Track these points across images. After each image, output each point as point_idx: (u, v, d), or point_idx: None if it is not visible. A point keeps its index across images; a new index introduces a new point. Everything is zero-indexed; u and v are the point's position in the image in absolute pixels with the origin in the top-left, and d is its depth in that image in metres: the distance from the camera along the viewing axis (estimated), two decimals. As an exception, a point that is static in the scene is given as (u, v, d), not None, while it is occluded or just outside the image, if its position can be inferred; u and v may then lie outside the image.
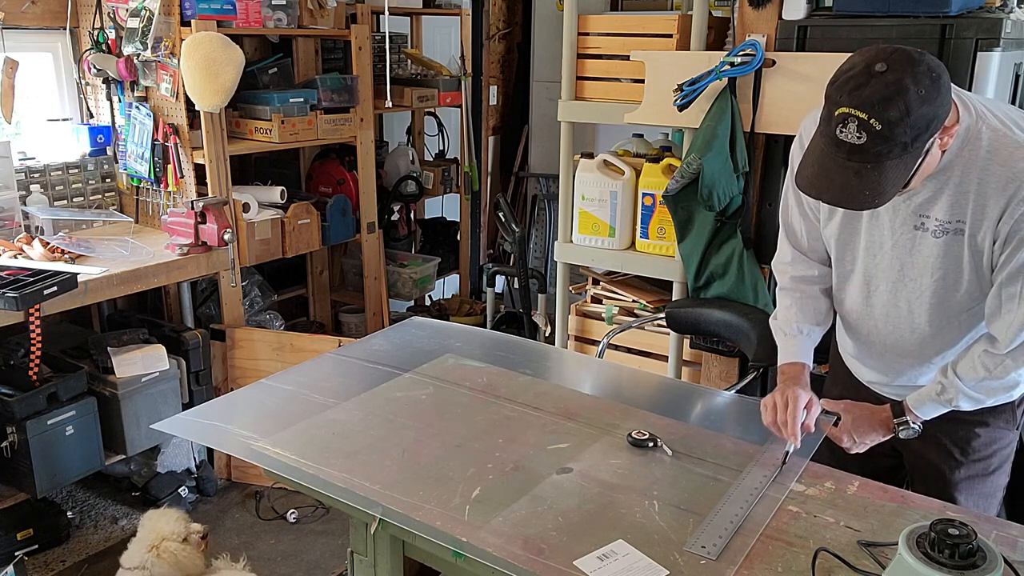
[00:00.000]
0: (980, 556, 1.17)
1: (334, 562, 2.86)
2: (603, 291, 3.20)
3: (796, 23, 2.49)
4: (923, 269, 1.62)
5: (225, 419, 1.93)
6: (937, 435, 1.77)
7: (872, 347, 1.82)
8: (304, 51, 3.81)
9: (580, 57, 2.93)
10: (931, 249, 1.59)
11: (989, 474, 1.80)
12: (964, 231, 1.54)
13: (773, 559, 1.38)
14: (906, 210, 1.59)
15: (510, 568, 1.36)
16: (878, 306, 1.73)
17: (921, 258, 1.61)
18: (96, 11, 3.16)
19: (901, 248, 1.63)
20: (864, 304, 1.76)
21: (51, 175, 3.17)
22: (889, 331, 1.74)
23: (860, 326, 1.81)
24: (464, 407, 1.93)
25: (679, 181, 2.64)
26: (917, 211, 1.57)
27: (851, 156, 1.37)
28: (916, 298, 1.66)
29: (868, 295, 1.74)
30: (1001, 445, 1.78)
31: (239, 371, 3.31)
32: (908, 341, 1.73)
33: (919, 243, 1.60)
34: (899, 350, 1.76)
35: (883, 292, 1.70)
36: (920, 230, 1.59)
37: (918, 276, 1.63)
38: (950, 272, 1.59)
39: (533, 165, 5.46)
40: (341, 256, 4.38)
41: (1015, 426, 1.79)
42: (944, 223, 1.55)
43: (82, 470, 2.84)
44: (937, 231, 1.56)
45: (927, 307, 1.65)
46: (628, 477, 1.63)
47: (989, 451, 1.78)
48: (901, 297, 1.68)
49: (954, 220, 1.54)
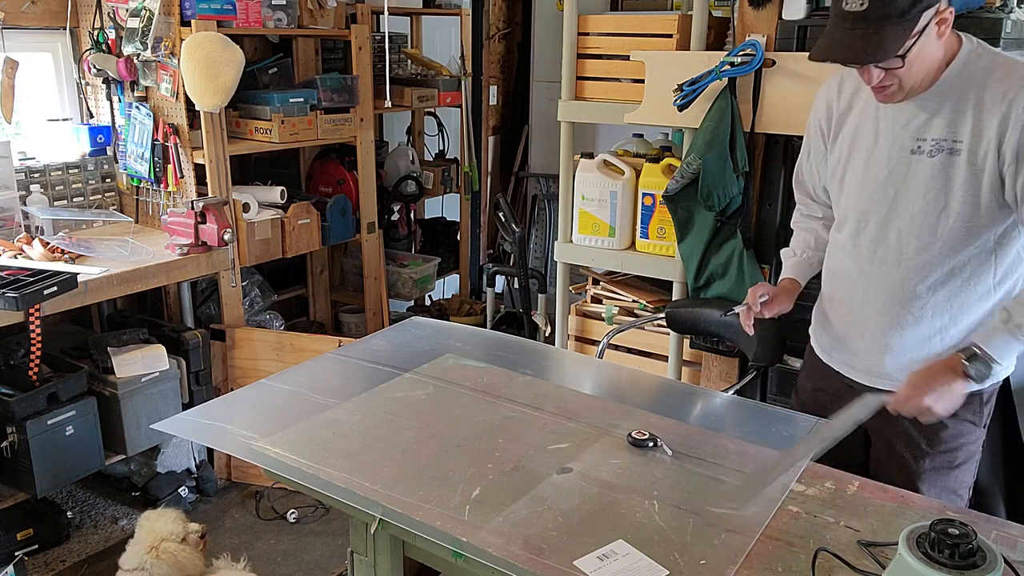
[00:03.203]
0: (980, 556, 1.17)
1: (334, 562, 2.86)
2: (603, 291, 3.20)
3: (796, 23, 2.49)
4: (916, 192, 1.68)
5: (225, 419, 1.93)
6: (905, 425, 1.81)
7: (852, 308, 1.84)
8: (304, 51, 3.81)
9: (580, 57, 2.93)
10: (925, 170, 1.66)
11: (954, 468, 1.83)
12: (961, 151, 1.61)
13: (773, 559, 1.38)
14: (904, 135, 1.67)
15: (510, 568, 1.36)
16: (866, 244, 1.78)
17: (915, 181, 1.67)
18: (96, 11, 3.16)
19: (897, 175, 1.70)
20: (852, 246, 1.81)
21: (51, 175, 3.17)
22: (874, 271, 1.77)
23: (845, 279, 1.85)
24: (464, 407, 1.93)
25: (679, 181, 2.64)
26: (914, 135, 1.66)
27: (856, 24, 1.53)
28: (906, 224, 1.70)
29: (857, 234, 1.79)
30: (967, 440, 1.82)
31: (239, 371, 3.31)
32: (892, 280, 1.75)
33: (914, 167, 1.67)
34: (880, 300, 1.77)
35: (873, 226, 1.75)
36: (916, 154, 1.66)
37: (910, 201, 1.69)
38: (942, 193, 1.65)
39: (533, 165, 5.46)
40: (341, 256, 4.38)
41: (982, 423, 1.83)
42: (939, 141, 1.63)
43: (82, 470, 2.83)
44: (932, 151, 1.64)
45: (915, 233, 1.69)
46: (628, 477, 1.63)
47: (955, 444, 1.81)
48: (891, 228, 1.72)
49: (949, 139, 1.62)
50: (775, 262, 2.69)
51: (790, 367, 2.67)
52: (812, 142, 1.93)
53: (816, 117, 1.89)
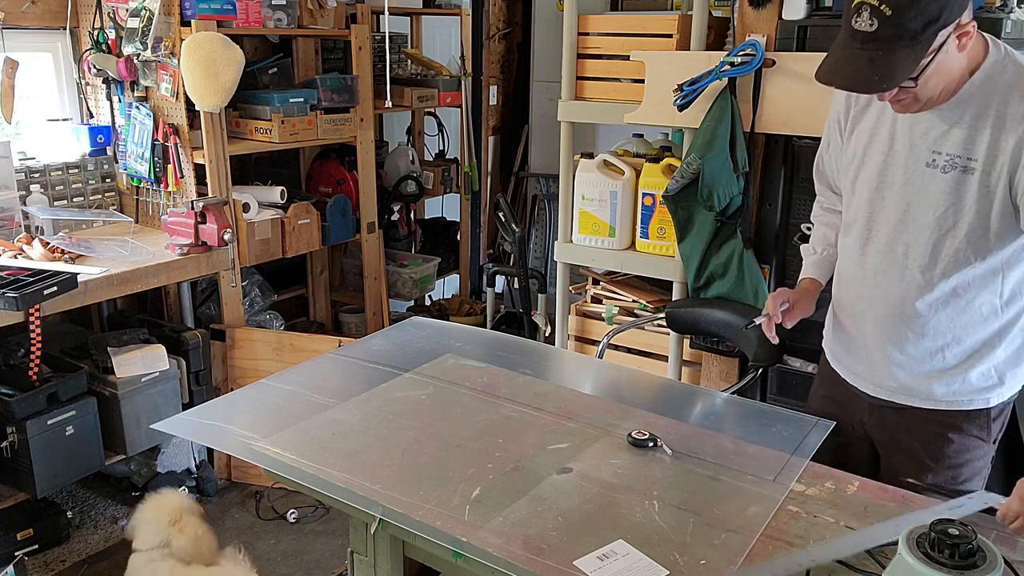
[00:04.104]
0: (980, 556, 1.16)
1: (334, 562, 2.86)
2: (603, 291, 3.20)
3: (796, 23, 2.49)
4: (927, 206, 1.61)
5: (225, 419, 1.93)
6: (909, 439, 1.77)
7: (855, 317, 1.80)
8: (304, 51, 3.81)
9: (580, 57, 2.93)
10: (938, 185, 1.59)
11: (958, 484, 1.76)
12: (974, 169, 1.54)
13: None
14: (922, 145, 1.61)
15: (510, 568, 1.36)
16: (873, 254, 1.72)
17: (927, 195, 1.61)
18: (96, 11, 3.16)
19: (911, 187, 1.64)
20: (860, 254, 1.76)
21: (51, 175, 3.17)
22: (876, 284, 1.72)
23: (851, 286, 1.81)
24: (464, 407, 1.93)
25: (679, 181, 2.64)
26: (931, 147, 1.59)
27: (864, 44, 1.44)
28: (914, 239, 1.65)
29: (865, 243, 1.74)
30: (974, 456, 1.75)
31: (239, 371, 3.32)
32: (893, 295, 1.70)
33: (928, 180, 1.61)
34: (881, 314, 1.73)
35: (883, 236, 1.70)
36: (931, 167, 1.60)
37: (921, 214, 1.63)
38: (952, 210, 1.59)
39: (533, 165, 5.46)
40: (341, 256, 4.38)
41: (990, 440, 1.76)
42: (954, 157, 1.56)
43: (82, 470, 2.83)
44: (946, 166, 1.58)
45: (922, 250, 1.64)
46: (628, 477, 1.63)
47: (960, 460, 1.75)
48: (899, 241, 1.67)
49: (964, 156, 1.55)
50: (775, 262, 2.69)
51: (790, 367, 2.67)
52: (831, 134, 1.86)
53: (835, 109, 1.81)
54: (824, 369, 1.98)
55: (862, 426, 1.87)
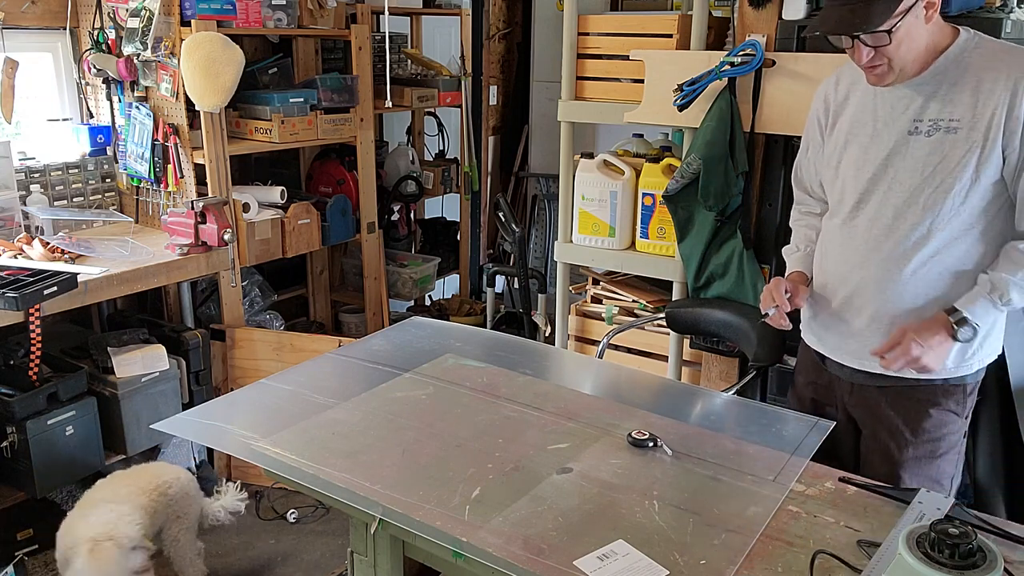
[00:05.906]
0: (980, 556, 1.17)
1: (334, 562, 2.86)
2: (603, 291, 3.20)
3: (796, 23, 2.48)
4: (913, 171, 1.73)
5: (225, 419, 1.93)
6: (891, 415, 1.86)
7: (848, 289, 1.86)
8: (304, 51, 3.81)
9: (580, 57, 2.93)
10: (923, 148, 1.71)
11: (936, 457, 1.87)
12: (958, 128, 1.67)
13: (773, 559, 1.39)
14: (903, 119, 1.74)
15: (510, 568, 1.36)
16: (863, 223, 1.81)
17: (912, 160, 1.73)
18: (96, 11, 3.16)
19: (896, 155, 1.75)
20: (849, 226, 1.84)
21: (51, 175, 3.17)
22: (869, 250, 1.80)
23: (839, 260, 1.87)
24: (464, 407, 1.93)
25: (679, 181, 2.64)
26: (913, 117, 1.72)
27: (846, 1, 1.63)
28: (903, 202, 1.74)
29: (855, 215, 1.82)
30: (950, 430, 1.86)
31: (239, 371, 3.31)
32: (887, 258, 1.77)
33: (912, 146, 1.73)
34: (875, 278, 1.80)
35: (872, 205, 1.79)
36: (914, 134, 1.72)
37: (908, 178, 1.73)
38: (938, 170, 1.69)
39: (533, 165, 5.46)
40: (341, 256, 4.38)
41: (964, 415, 1.86)
42: (936, 121, 1.69)
43: (82, 470, 2.83)
44: (930, 130, 1.70)
45: (911, 210, 1.73)
46: (628, 477, 1.63)
47: (938, 433, 1.85)
48: (888, 205, 1.77)
49: (946, 118, 1.68)
50: (775, 262, 2.69)
51: (790, 367, 2.67)
52: (810, 135, 1.99)
53: (814, 111, 1.96)
54: (804, 356, 2.07)
55: (844, 408, 1.96)
